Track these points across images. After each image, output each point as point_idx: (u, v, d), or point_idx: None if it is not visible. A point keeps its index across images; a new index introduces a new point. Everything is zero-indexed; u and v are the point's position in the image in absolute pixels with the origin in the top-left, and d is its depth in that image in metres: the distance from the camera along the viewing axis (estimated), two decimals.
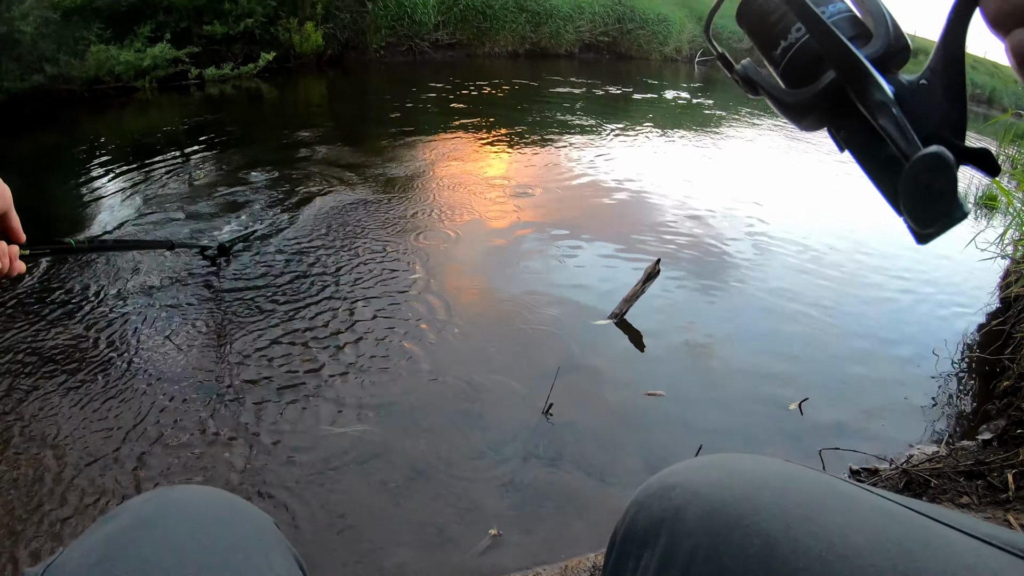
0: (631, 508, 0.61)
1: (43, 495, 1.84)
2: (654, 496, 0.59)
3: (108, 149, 6.32)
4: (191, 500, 0.60)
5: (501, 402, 2.25)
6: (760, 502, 0.51)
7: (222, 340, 2.62)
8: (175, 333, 2.66)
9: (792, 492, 0.52)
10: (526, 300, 2.98)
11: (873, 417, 2.36)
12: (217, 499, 0.62)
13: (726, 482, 0.55)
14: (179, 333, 2.66)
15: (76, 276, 3.16)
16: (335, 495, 1.86)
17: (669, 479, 0.60)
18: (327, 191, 4.51)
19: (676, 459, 1.67)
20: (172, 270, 3.22)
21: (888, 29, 0.44)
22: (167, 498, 0.60)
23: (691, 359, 2.62)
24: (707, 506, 0.52)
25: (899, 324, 3.11)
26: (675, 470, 0.62)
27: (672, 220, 4.21)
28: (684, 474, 0.59)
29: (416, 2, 11.79)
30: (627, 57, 14.98)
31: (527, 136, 6.62)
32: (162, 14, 9.50)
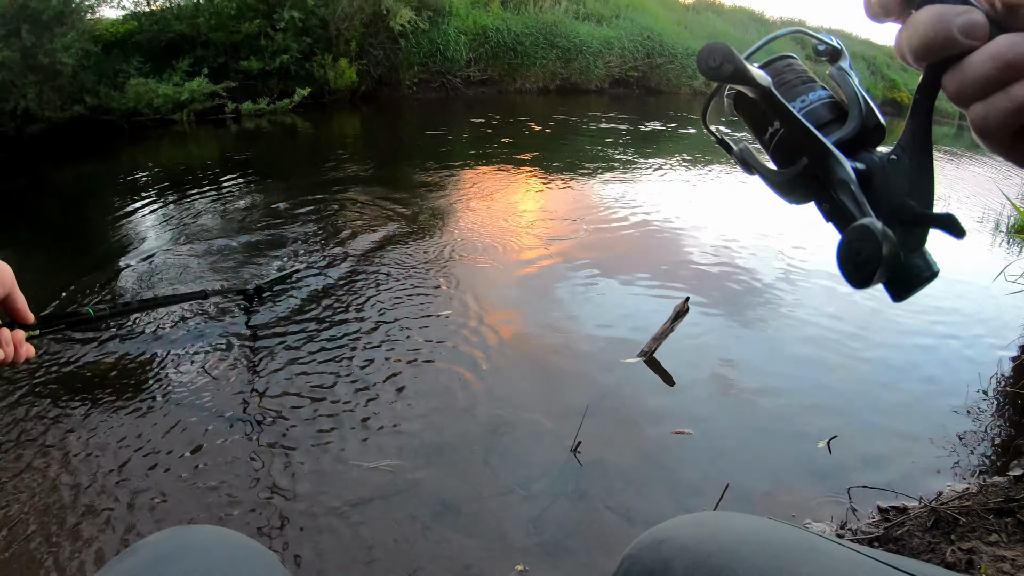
0: (625, 560, 0.66)
1: (68, 525, 1.86)
2: (646, 549, 0.64)
3: (146, 179, 6.26)
4: (204, 540, 0.64)
5: (530, 438, 2.26)
6: (740, 556, 0.57)
7: (254, 375, 2.64)
8: (209, 368, 2.68)
9: (770, 547, 0.58)
10: (556, 336, 2.99)
11: (903, 454, 2.32)
12: (228, 539, 0.65)
13: (711, 537, 0.60)
14: (213, 368, 2.68)
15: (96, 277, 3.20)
16: (363, 528, 1.86)
17: (660, 534, 0.65)
18: (360, 226, 4.49)
19: (703, 497, 1.70)
20: (207, 308, 3.21)
21: (861, 111, 0.49)
22: (182, 537, 0.64)
23: (720, 397, 2.60)
24: (694, 558, 0.58)
25: (930, 358, 3.04)
26: (665, 526, 0.66)
27: (702, 254, 4.16)
28: (673, 530, 0.64)
29: (448, 39, 11.86)
30: (656, 91, 14.95)
31: (557, 171, 6.53)
32: (200, 49, 9.57)
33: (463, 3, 12.30)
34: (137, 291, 3.39)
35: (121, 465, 2.11)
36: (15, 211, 5.50)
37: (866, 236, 0.42)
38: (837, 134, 0.49)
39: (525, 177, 6.22)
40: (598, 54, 13.68)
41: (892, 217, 0.45)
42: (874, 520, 1.95)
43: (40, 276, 3.65)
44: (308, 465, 2.12)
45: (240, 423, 2.33)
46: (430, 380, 2.60)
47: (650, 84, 14.88)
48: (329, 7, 10.58)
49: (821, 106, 0.50)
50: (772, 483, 2.11)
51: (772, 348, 3.02)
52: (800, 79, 0.52)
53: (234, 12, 9.83)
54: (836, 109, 0.51)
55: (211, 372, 2.65)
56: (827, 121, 0.50)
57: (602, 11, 14.27)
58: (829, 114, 0.50)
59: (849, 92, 0.50)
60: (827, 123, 0.50)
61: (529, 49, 12.85)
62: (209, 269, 3.73)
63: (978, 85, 0.38)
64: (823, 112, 0.50)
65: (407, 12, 10.98)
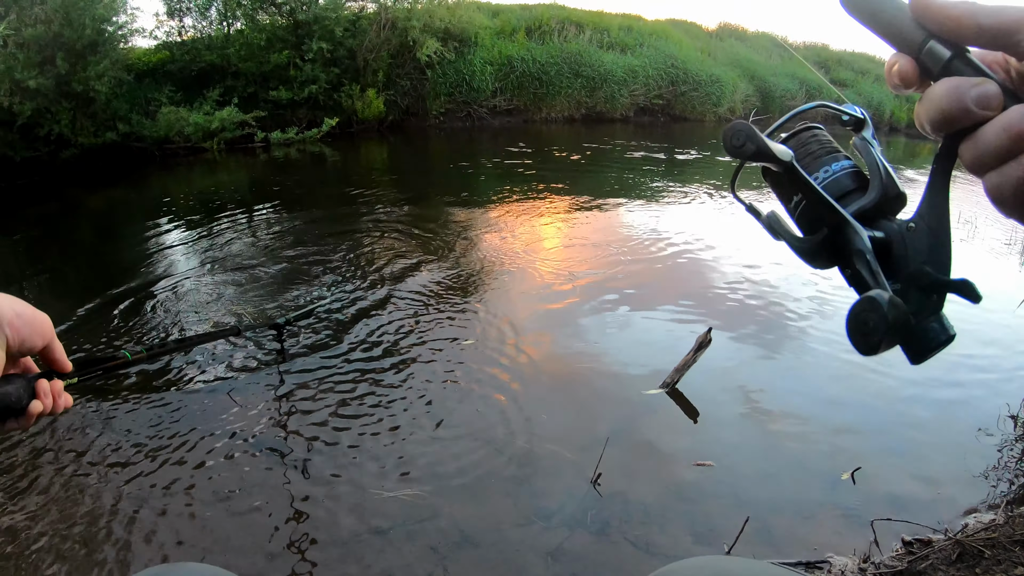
0: None
1: (82, 542, 1.92)
2: None
3: (176, 206, 6.22)
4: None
5: (550, 469, 2.25)
6: None
7: (279, 401, 2.67)
8: (235, 392, 2.72)
9: None
10: (579, 367, 2.97)
11: (929, 485, 2.26)
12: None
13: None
14: (239, 392, 2.73)
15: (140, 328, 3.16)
16: (382, 557, 1.86)
17: None
18: (387, 254, 4.51)
19: (723, 530, 1.84)
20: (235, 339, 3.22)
21: (882, 180, 0.50)
22: (174, 574, 0.69)
23: (742, 428, 2.57)
24: None
25: (958, 388, 2.94)
26: (670, 569, 0.68)
27: (727, 284, 4.09)
28: (677, 573, 0.67)
29: (474, 69, 11.86)
30: (682, 119, 14.79)
31: (584, 200, 6.43)
32: (230, 79, 9.61)
33: (488, 34, 12.33)
34: (169, 323, 3.40)
35: (139, 487, 2.16)
36: (47, 234, 5.46)
37: (872, 307, 0.43)
38: (858, 203, 0.50)
39: (551, 206, 6.13)
40: (623, 83, 13.61)
41: (910, 283, 0.46)
42: (898, 553, 1.91)
43: (71, 302, 3.66)
44: (328, 492, 2.13)
45: (263, 448, 2.36)
46: (452, 410, 2.61)
47: (675, 112, 14.78)
48: (357, 38, 10.65)
49: (844, 175, 0.51)
50: (794, 515, 2.07)
51: (795, 379, 2.97)
52: (824, 149, 0.53)
53: (264, 43, 9.89)
54: (858, 178, 0.52)
55: (236, 397, 2.68)
56: (849, 191, 0.51)
57: (626, 40, 14.25)
58: (851, 183, 0.51)
59: (871, 162, 0.51)
60: (848, 192, 0.51)
61: (554, 79, 12.81)
62: (240, 299, 3.71)
63: (992, 155, 0.39)
64: (846, 182, 0.51)
65: (433, 43, 11.00)
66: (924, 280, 0.45)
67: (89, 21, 7.81)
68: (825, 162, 0.52)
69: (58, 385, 0.76)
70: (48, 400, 0.73)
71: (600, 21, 14.34)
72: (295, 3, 10.07)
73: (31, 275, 4.43)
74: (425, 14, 11.01)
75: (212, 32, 9.99)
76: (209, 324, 3.33)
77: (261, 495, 2.12)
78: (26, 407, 0.71)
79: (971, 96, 0.39)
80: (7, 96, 7.22)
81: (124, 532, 1.97)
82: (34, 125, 7.44)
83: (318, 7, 10.19)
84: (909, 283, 0.46)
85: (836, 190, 0.51)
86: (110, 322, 3.39)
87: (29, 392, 0.72)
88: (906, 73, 0.43)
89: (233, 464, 2.27)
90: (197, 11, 9.99)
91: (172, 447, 2.38)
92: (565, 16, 13.81)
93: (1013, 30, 0.38)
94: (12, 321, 0.67)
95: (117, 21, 8.56)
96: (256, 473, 2.23)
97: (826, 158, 0.52)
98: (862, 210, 0.49)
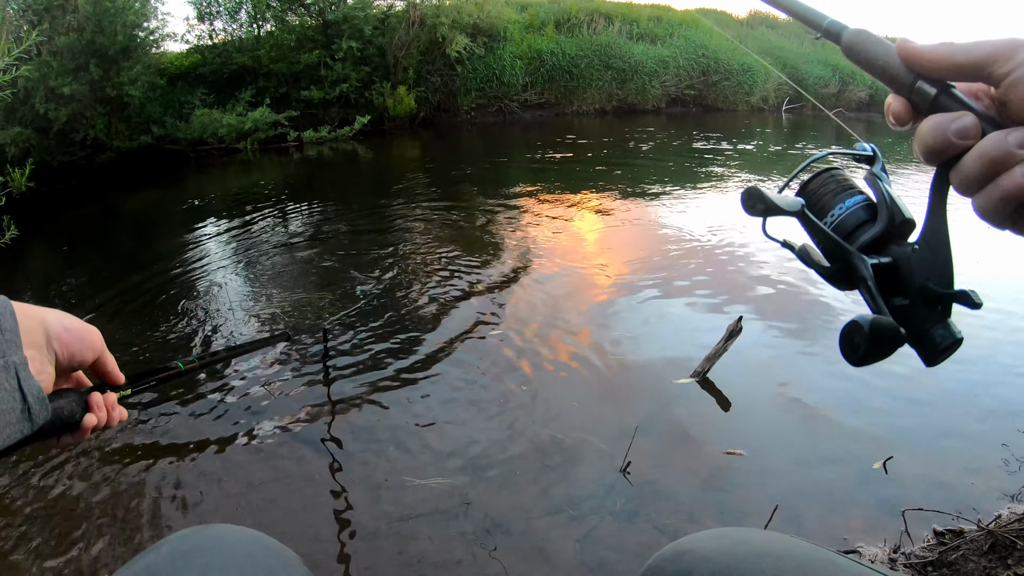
0: (647, 571, 0.69)
1: (118, 516, 2.00)
2: (668, 560, 0.67)
3: (212, 206, 6.13)
4: (224, 537, 0.67)
5: (580, 458, 2.25)
6: (759, 568, 0.60)
7: (314, 389, 2.70)
8: (271, 382, 2.76)
9: (789, 560, 0.60)
10: (610, 356, 2.95)
11: (962, 475, 2.21)
12: (247, 537, 0.69)
13: (731, 550, 0.63)
14: (276, 383, 2.76)
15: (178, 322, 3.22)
16: (412, 543, 1.87)
17: (682, 546, 0.68)
18: (421, 248, 4.53)
19: (752, 518, 1.91)
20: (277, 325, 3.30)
21: (889, 211, 0.56)
22: (202, 534, 0.67)
23: (772, 417, 2.54)
24: (713, 570, 0.62)
25: (990, 378, 2.87)
26: (688, 539, 0.69)
27: (760, 273, 4.03)
28: (695, 542, 0.67)
29: (504, 64, 11.71)
30: (714, 109, 14.48)
31: (617, 191, 6.29)
32: (262, 80, 9.54)
33: (518, 28, 12.17)
34: (216, 325, 3.37)
35: (179, 467, 2.22)
36: (86, 237, 5.40)
37: (856, 329, 0.50)
38: (869, 233, 0.56)
39: (584, 198, 5.99)
40: (653, 74, 13.37)
41: (916, 297, 0.52)
42: (929, 544, 1.88)
43: (114, 307, 3.66)
44: (360, 478, 2.15)
45: (297, 435, 2.39)
46: (483, 399, 2.61)
47: (707, 102, 14.49)
48: (386, 36, 10.55)
49: (858, 209, 0.57)
50: (824, 505, 2.05)
51: (827, 368, 2.91)
52: (841, 187, 0.59)
53: (294, 43, 9.83)
54: (871, 210, 0.57)
55: (272, 386, 2.71)
56: (862, 222, 0.57)
57: (655, 30, 14.00)
58: (864, 215, 0.57)
59: (879, 194, 0.57)
60: (862, 224, 0.57)
61: (584, 71, 12.61)
62: (284, 298, 3.65)
63: (973, 180, 0.43)
64: (859, 214, 0.57)
65: (463, 39, 10.86)
66: (928, 294, 0.51)
67: (121, 28, 7.79)
68: (841, 198, 0.58)
69: (111, 398, 0.76)
70: (102, 413, 0.73)
71: (629, 12, 14.11)
72: (324, 3, 9.99)
73: (71, 279, 4.35)
74: (453, 10, 10.87)
75: (242, 34, 9.95)
76: (256, 325, 3.25)
77: (295, 481, 2.14)
78: (80, 421, 0.71)
79: (951, 130, 0.43)
80: (42, 103, 7.21)
81: (162, 508, 2.04)
82: (70, 130, 7.42)
83: (347, 6, 10.10)
84: (916, 297, 0.51)
85: (853, 222, 0.57)
86: (156, 326, 3.33)
87: (83, 406, 0.72)
88: (899, 112, 0.48)
89: (267, 450, 2.31)
90: (227, 14, 9.95)
91: (211, 432, 2.42)
92: (594, 8, 13.59)
93: (986, 63, 0.43)
94: (61, 336, 0.67)
95: (148, 27, 8.55)
96: (290, 460, 2.26)
97: (842, 195, 0.58)
98: (872, 239, 0.55)
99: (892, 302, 0.53)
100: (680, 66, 13.77)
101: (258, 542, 0.68)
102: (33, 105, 7.12)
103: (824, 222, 0.58)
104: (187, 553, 0.63)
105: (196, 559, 0.62)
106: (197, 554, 0.63)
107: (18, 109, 7.05)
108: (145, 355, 3.03)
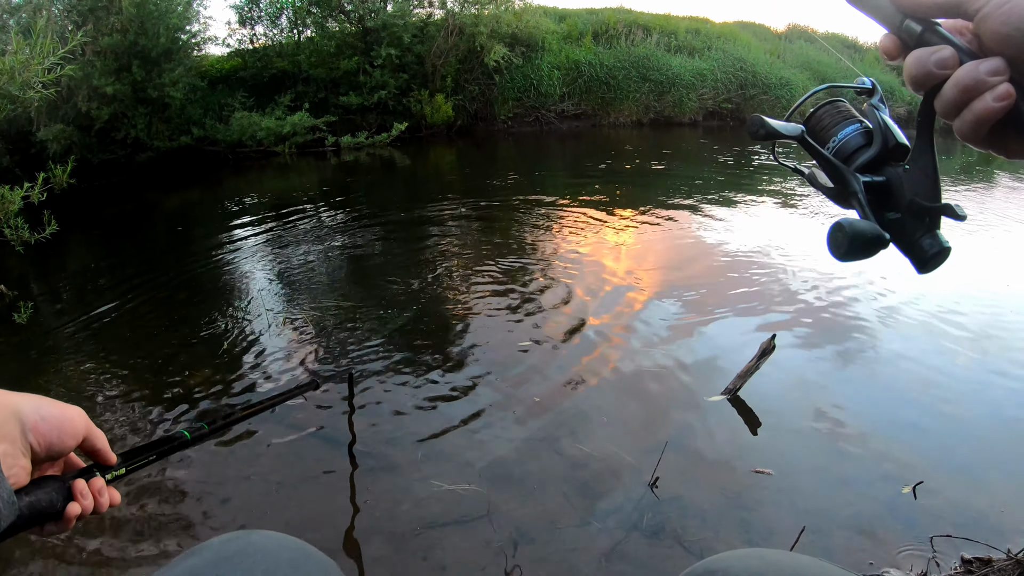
0: None
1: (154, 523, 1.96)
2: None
3: (248, 208, 6.05)
4: (267, 543, 0.68)
5: (608, 471, 2.22)
6: None
7: (341, 393, 2.68)
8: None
9: None
10: (640, 370, 2.92)
11: (993, 503, 2.15)
12: (289, 544, 0.70)
13: (762, 571, 0.64)
14: None
15: None
16: (437, 550, 1.85)
17: (712, 564, 0.68)
18: (456, 257, 4.49)
19: (779, 538, 1.90)
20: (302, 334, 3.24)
21: (883, 136, 0.60)
22: (246, 540, 0.68)
23: (803, 437, 2.50)
24: None
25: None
26: (718, 557, 0.69)
27: (792, 291, 3.94)
28: (725, 561, 0.68)
29: (542, 74, 11.60)
30: None
31: (652, 204, 6.11)
32: (301, 85, 9.51)
33: (556, 38, 12.08)
34: (235, 350, 3.11)
35: (206, 468, 2.21)
36: (123, 234, 5.35)
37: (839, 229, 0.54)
38: (865, 156, 0.60)
39: (619, 210, 5.83)
40: (691, 86, 13.17)
41: (906, 212, 0.57)
42: (956, 571, 1.86)
43: (142, 308, 3.57)
44: (387, 484, 2.14)
45: (324, 439, 2.37)
46: (511, 409, 2.58)
47: (744, 116, 14.20)
48: (425, 44, 10.50)
49: (857, 135, 0.62)
50: (851, 528, 2.02)
51: (860, 390, 2.86)
52: (841, 116, 0.63)
53: (333, 50, 9.81)
54: (867, 136, 0.62)
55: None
56: (860, 146, 0.61)
57: (694, 43, 13.84)
58: (861, 140, 0.61)
59: (875, 122, 0.61)
60: (859, 148, 0.61)
61: (622, 83, 12.46)
62: (311, 328, 3.37)
63: (951, 105, 0.47)
64: (857, 140, 0.62)
65: (501, 48, 10.78)
66: (916, 208, 0.56)
67: (163, 30, 7.82)
68: (840, 127, 0.63)
69: (98, 483, 0.71)
70: (87, 502, 0.68)
71: (667, 24, 13.97)
72: (364, 10, 9.98)
73: (106, 276, 4.28)
74: (492, 19, 10.80)
75: (283, 39, 9.97)
76: (283, 360, 3.02)
77: (320, 484, 2.14)
78: (62, 511, 0.66)
79: (931, 61, 0.48)
80: (85, 102, 7.21)
81: (185, 510, 2.01)
82: (111, 129, 7.42)
83: (386, 14, 10.08)
84: (906, 212, 0.57)
85: (852, 146, 0.61)
86: (186, 333, 3.24)
87: (64, 494, 0.67)
88: (888, 48, 0.52)
89: (292, 453, 2.30)
90: (268, 19, 9.99)
91: (234, 434, 2.41)
92: (632, 19, 13.48)
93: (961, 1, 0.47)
94: (37, 426, 0.64)
95: (190, 30, 8.59)
96: (314, 462, 2.25)
97: (841, 123, 0.63)
98: (867, 161, 0.60)
99: (886, 216, 0.58)
100: (718, 79, 13.55)
101: (300, 550, 0.70)
102: (76, 103, 7.13)
103: (827, 148, 0.62)
104: (230, 558, 0.64)
105: (239, 564, 0.64)
106: (240, 559, 0.64)
107: (61, 107, 7.05)
108: (165, 370, 2.92)
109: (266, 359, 2.95)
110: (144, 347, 3.09)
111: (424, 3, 10.96)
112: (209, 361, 2.95)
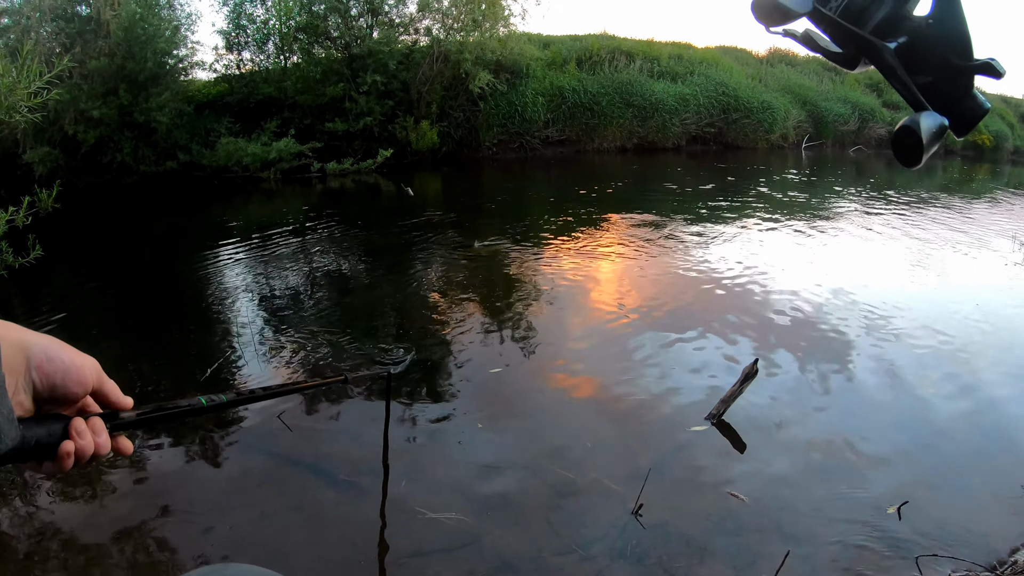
0: None
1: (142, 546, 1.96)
2: None
3: (233, 233, 6.07)
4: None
5: (593, 499, 2.23)
6: None
7: (326, 422, 2.69)
8: (285, 415, 2.69)
9: None
10: (624, 396, 2.93)
11: (977, 521, 2.19)
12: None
13: None
14: (289, 416, 2.69)
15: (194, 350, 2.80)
16: None
17: None
18: (441, 283, 4.55)
19: (764, 563, 1.90)
20: None
21: None
22: (223, 574, 0.70)
23: (787, 460, 2.52)
24: None
25: (1012, 423, 2.85)
26: None
27: (774, 313, 4.01)
28: None
29: (526, 100, 11.74)
30: (734, 147, 14.39)
31: (637, 229, 6.24)
32: (287, 111, 9.57)
33: (540, 65, 12.23)
34: (220, 375, 3.16)
35: (188, 497, 2.18)
36: (108, 258, 5.39)
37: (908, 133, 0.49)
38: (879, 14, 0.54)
39: (602, 235, 5.93)
40: (674, 111, 13.36)
41: (939, 75, 0.51)
42: None
43: (132, 334, 3.55)
44: (371, 511, 2.13)
45: (307, 468, 2.36)
46: (495, 436, 2.60)
47: (727, 140, 14.45)
48: (410, 71, 10.61)
49: None
50: (837, 550, 2.03)
51: (843, 411, 2.90)
52: None
53: (319, 76, 9.89)
54: None
55: (287, 420, 2.65)
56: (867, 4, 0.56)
57: (676, 68, 14.06)
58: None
59: None
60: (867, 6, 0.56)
61: (606, 108, 12.62)
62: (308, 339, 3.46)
63: None
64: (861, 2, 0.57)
65: (486, 75, 10.91)
66: (950, 70, 0.50)
67: (151, 55, 7.87)
68: None
69: (97, 424, 0.69)
70: (83, 440, 0.66)
71: (650, 50, 14.20)
72: (350, 37, 10.09)
73: (90, 300, 4.30)
74: (477, 47, 10.93)
75: (269, 65, 10.04)
76: (280, 363, 3.11)
77: (304, 513, 2.12)
78: None
79: None
80: (72, 124, 7.22)
81: (169, 538, 2.01)
82: (97, 153, 7.43)
83: (372, 41, 10.19)
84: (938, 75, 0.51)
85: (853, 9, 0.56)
86: (171, 354, 3.29)
87: (62, 431, 0.65)
88: None
89: (277, 482, 2.29)
90: (255, 45, 10.07)
91: (222, 461, 2.41)
92: (615, 46, 13.70)
93: None
94: (42, 365, 0.63)
95: (177, 54, 8.64)
96: (300, 492, 2.24)
97: None
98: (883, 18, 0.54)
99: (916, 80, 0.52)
100: (701, 104, 13.77)
101: None
102: (62, 126, 7.13)
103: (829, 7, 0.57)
104: None
105: None
106: None
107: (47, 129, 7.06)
108: (161, 383, 2.95)
109: (251, 382, 2.97)
110: (126, 369, 3.08)
111: (410, 30, 11.08)
112: (193, 386, 2.95)
